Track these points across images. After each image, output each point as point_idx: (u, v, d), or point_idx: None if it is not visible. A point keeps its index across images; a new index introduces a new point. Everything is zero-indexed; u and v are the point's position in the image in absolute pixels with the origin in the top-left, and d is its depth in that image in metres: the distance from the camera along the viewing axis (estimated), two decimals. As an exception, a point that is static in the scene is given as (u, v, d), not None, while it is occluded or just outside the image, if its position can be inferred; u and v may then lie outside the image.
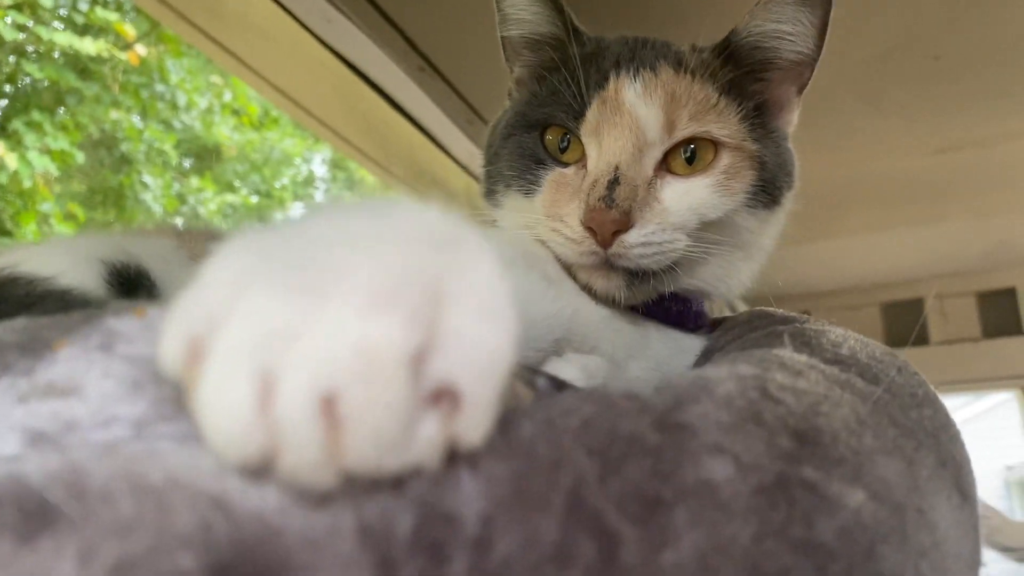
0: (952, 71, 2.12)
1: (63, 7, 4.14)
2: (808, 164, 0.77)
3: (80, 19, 4.12)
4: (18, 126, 3.89)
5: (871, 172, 2.78)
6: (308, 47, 1.79)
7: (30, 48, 4.09)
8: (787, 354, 0.41)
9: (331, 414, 0.22)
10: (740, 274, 0.70)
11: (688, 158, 0.64)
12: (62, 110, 4.18)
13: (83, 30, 4.12)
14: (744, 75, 0.67)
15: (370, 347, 0.22)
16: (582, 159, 0.66)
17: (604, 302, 0.65)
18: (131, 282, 0.63)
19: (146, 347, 0.26)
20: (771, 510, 0.27)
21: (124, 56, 4.20)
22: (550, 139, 0.67)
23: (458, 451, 0.24)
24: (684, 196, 0.63)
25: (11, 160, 3.69)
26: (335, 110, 2.01)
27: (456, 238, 0.26)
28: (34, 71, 4.05)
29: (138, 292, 0.64)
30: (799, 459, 0.29)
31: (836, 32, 0.68)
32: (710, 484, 0.26)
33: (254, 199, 5.75)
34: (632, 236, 0.60)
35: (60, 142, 4.00)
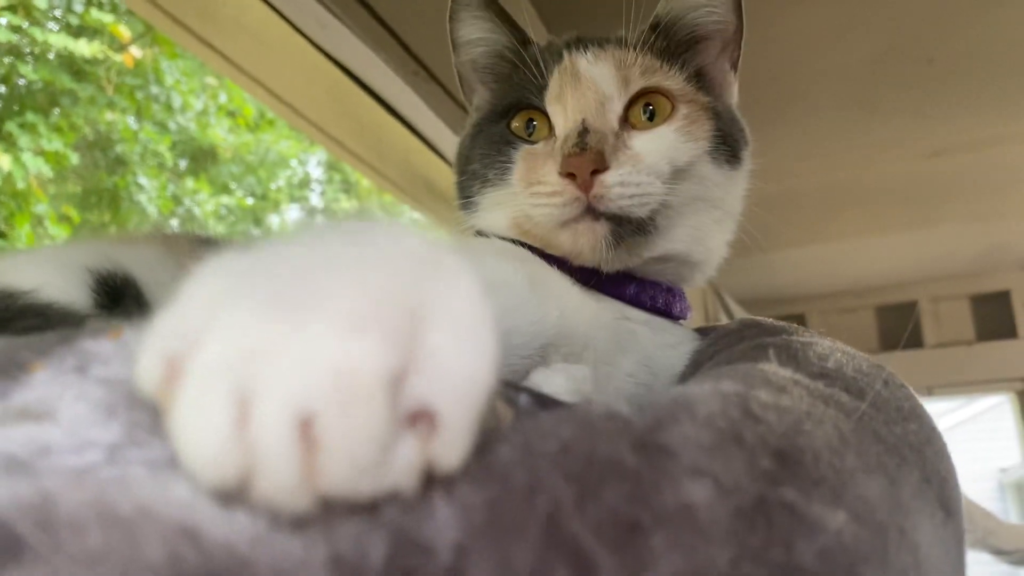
0: (946, 75, 2.12)
1: (58, 8, 4.13)
2: (803, 168, 0.79)
3: (75, 21, 4.11)
4: (12, 128, 3.88)
5: (865, 176, 2.79)
6: (302, 51, 1.79)
7: (25, 49, 4.07)
8: (772, 369, 0.41)
9: (308, 435, 0.22)
10: (715, 237, 0.75)
11: (649, 117, 0.69)
12: (57, 112, 4.17)
13: (78, 31, 4.10)
14: (677, 45, 0.74)
15: (348, 368, 0.22)
16: (549, 136, 0.70)
17: (593, 269, 0.68)
18: (117, 291, 0.63)
19: (121, 369, 0.26)
20: (750, 533, 0.26)
21: (119, 58, 4.19)
22: (516, 125, 0.73)
23: (434, 475, 0.24)
24: (651, 143, 0.67)
25: (5, 162, 3.68)
26: (329, 114, 2.01)
27: (436, 260, 0.26)
28: (28, 72, 4.03)
29: (124, 301, 0.64)
30: (779, 480, 0.29)
31: (830, 36, 0.71)
32: (689, 508, 0.26)
33: (249, 201, 5.74)
34: (610, 176, 0.63)
35: (54, 143, 3.99)
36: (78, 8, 4.06)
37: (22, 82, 4.09)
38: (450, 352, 0.23)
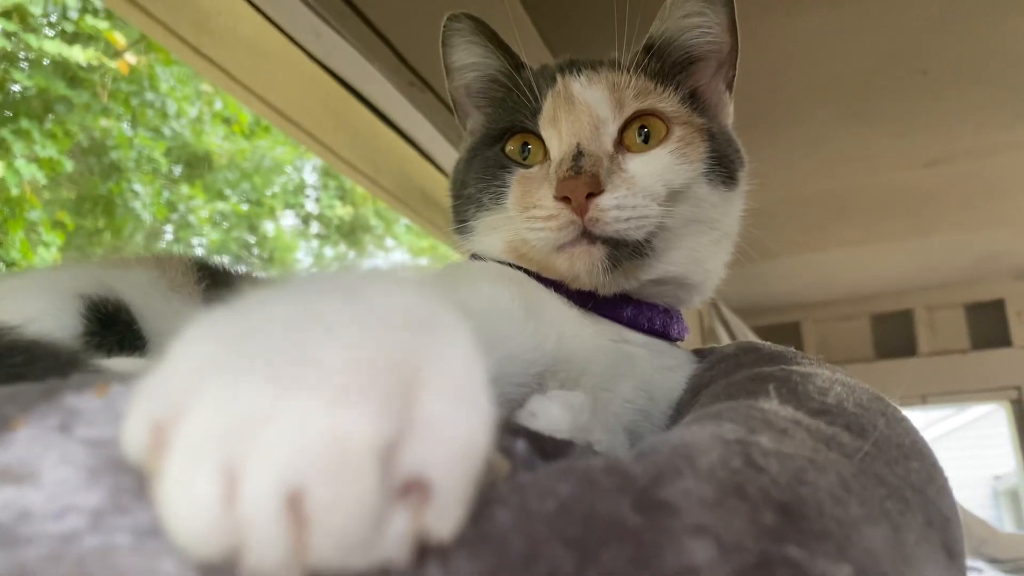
0: (939, 85, 2.13)
1: (53, 14, 4.11)
2: (798, 177, 0.79)
3: (70, 27, 4.10)
4: (6, 134, 3.86)
5: (860, 185, 2.79)
6: (298, 62, 1.78)
7: (19, 55, 4.06)
8: (772, 408, 0.40)
9: (297, 510, 0.21)
10: (713, 259, 0.74)
11: (644, 140, 0.69)
12: (51, 118, 4.15)
13: (73, 38, 4.09)
14: (672, 66, 0.74)
15: (339, 440, 0.22)
16: (544, 160, 0.70)
17: (590, 310, 0.67)
18: (109, 317, 0.62)
19: (107, 429, 0.25)
20: (753, 594, 0.26)
21: (114, 64, 4.18)
22: (511, 149, 0.72)
23: (428, 545, 0.23)
24: (647, 166, 0.67)
25: (-1, 168, 3.66)
26: (325, 124, 2.00)
27: (431, 318, 0.25)
28: (23, 79, 4.02)
29: (116, 327, 0.63)
30: (783, 536, 0.28)
31: (824, 47, 0.71)
32: (691, 569, 0.25)
33: (244, 207, 5.72)
34: (606, 199, 0.63)
35: (48, 150, 3.97)
36: (73, 15, 4.04)
37: (16, 88, 4.07)
38: (445, 419, 0.22)
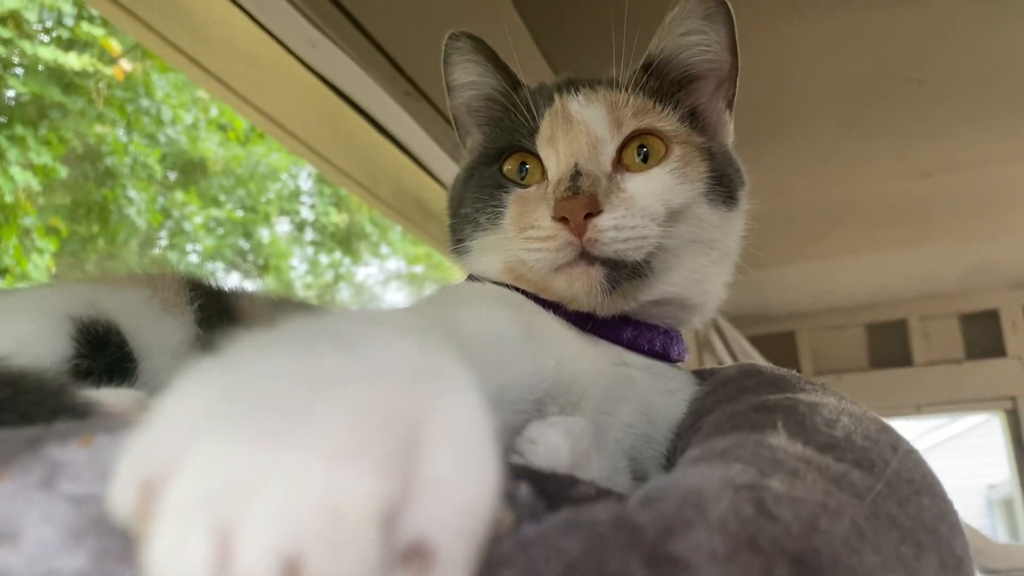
0: (934, 96, 2.13)
1: (48, 21, 4.10)
2: (794, 188, 0.78)
3: (65, 34, 4.08)
4: (1, 141, 3.84)
5: (856, 195, 2.79)
6: (293, 71, 1.77)
7: (14, 62, 4.04)
8: (781, 444, 0.39)
9: (295, 576, 0.20)
10: (713, 279, 0.73)
11: (643, 159, 0.68)
12: (46, 124, 4.13)
13: (68, 44, 4.08)
14: (670, 84, 0.73)
15: (338, 503, 0.20)
16: (541, 180, 0.69)
17: (590, 337, 0.66)
18: (100, 339, 0.61)
19: (92, 484, 0.24)
20: (769, 657, 0.25)
21: (109, 71, 4.16)
22: (509, 168, 0.72)
23: (431, 612, 0.22)
24: (645, 185, 0.66)
25: (-8, 175, 3.64)
26: (320, 133, 1.99)
27: (435, 370, 0.24)
28: (18, 85, 4.00)
29: (107, 349, 0.62)
30: (798, 591, 0.27)
31: (820, 57, 0.70)
32: (704, 631, 0.24)
33: (239, 213, 5.71)
34: (604, 220, 0.62)
35: (43, 156, 3.95)
36: (68, 21, 4.03)
37: (11, 94, 4.05)
38: (450, 480, 0.21)
